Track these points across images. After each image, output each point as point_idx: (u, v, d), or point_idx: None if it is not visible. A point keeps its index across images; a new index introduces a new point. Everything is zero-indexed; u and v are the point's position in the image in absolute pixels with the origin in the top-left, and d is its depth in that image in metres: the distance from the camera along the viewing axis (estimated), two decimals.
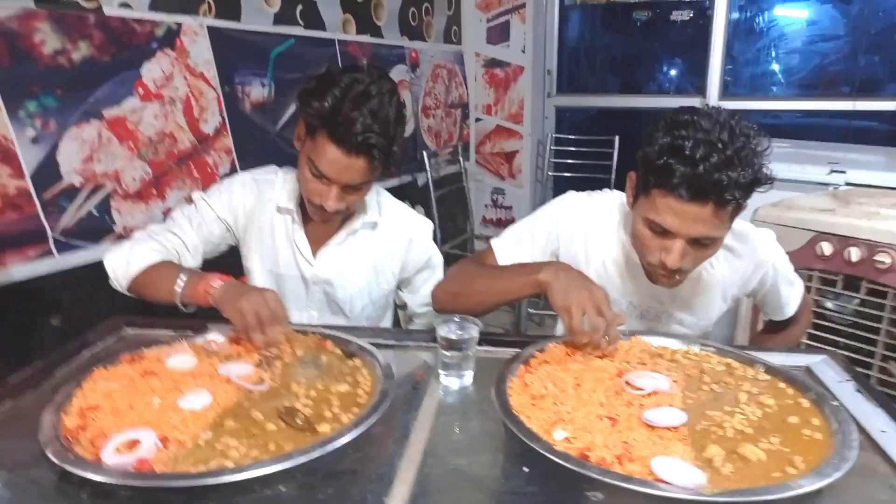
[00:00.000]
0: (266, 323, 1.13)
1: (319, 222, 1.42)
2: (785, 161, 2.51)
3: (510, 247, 1.38)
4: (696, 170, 1.04)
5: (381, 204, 1.52)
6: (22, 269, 1.76)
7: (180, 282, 1.25)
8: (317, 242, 1.48)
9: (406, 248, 1.52)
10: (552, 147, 4.02)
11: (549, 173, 4.07)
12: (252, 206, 1.48)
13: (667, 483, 0.79)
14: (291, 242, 1.47)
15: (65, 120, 1.83)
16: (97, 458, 0.84)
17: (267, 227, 1.48)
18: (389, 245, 1.51)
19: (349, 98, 1.23)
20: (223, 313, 1.17)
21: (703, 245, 1.14)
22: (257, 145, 2.49)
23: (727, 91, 3.67)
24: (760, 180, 1.08)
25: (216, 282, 1.21)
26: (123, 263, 1.36)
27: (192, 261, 1.45)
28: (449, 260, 1.61)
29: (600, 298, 1.10)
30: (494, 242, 1.40)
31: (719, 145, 1.04)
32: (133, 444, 0.87)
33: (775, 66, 3.68)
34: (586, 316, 1.09)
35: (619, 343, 1.17)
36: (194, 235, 1.45)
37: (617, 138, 3.80)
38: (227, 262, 1.53)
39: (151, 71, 2.07)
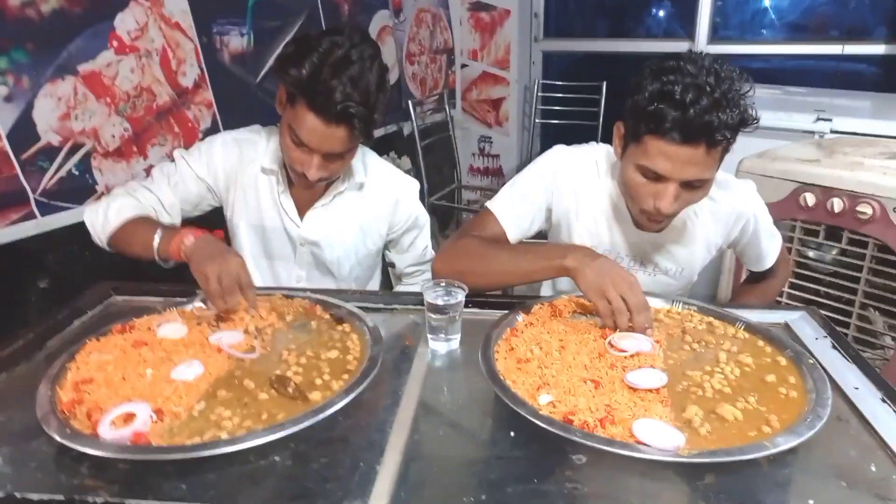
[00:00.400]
0: (227, 291, 1.14)
1: (304, 189, 1.41)
2: (771, 108, 2.50)
3: (509, 208, 1.37)
4: (687, 113, 1.07)
5: (367, 165, 1.51)
6: (4, 231, 1.74)
7: (156, 237, 1.26)
8: (303, 204, 1.47)
9: (393, 208, 1.52)
10: (539, 93, 3.96)
11: (537, 120, 4.03)
12: (233, 166, 1.46)
13: (647, 445, 0.83)
14: (277, 204, 1.46)
15: (38, 76, 1.78)
16: (94, 431, 0.86)
17: (251, 188, 1.47)
18: (376, 206, 1.51)
19: (328, 65, 1.19)
20: (192, 271, 1.18)
21: (694, 187, 1.17)
22: (238, 98, 2.44)
23: (716, 35, 3.62)
24: (746, 120, 1.12)
25: (188, 237, 1.22)
26: (101, 218, 1.37)
27: (169, 219, 1.44)
28: (438, 213, 1.61)
29: (633, 282, 1.10)
30: (492, 205, 1.39)
31: (707, 88, 1.07)
32: (129, 417, 0.88)
33: (764, 8, 3.62)
34: (624, 300, 1.09)
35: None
36: (171, 194, 1.44)
37: (605, 84, 3.75)
38: (213, 220, 1.53)
39: (125, 22, 2.00)
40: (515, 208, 1.38)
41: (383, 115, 1.32)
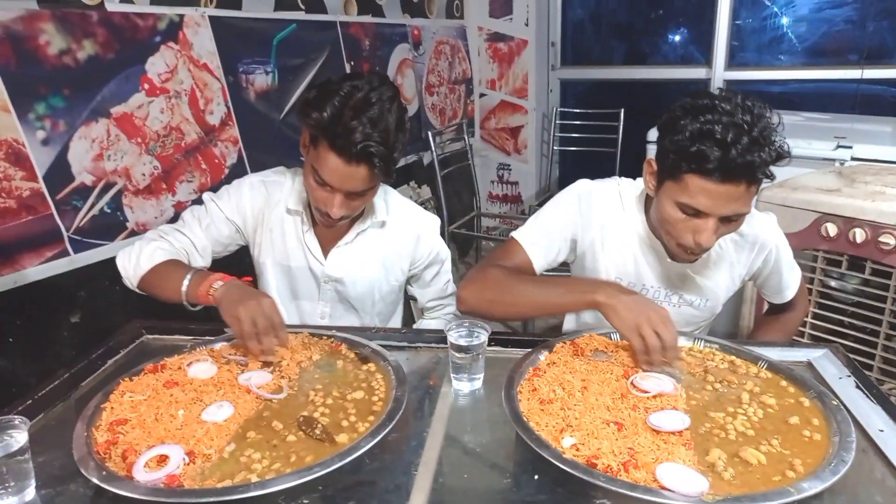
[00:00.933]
0: (262, 332, 1.16)
1: (326, 227, 1.45)
2: (791, 135, 2.44)
3: (535, 238, 1.39)
4: (729, 153, 1.09)
5: (389, 203, 1.54)
6: (39, 269, 1.80)
7: (186, 281, 1.29)
8: (327, 242, 1.51)
9: (414, 244, 1.55)
10: (557, 121, 4.00)
11: (555, 147, 4.06)
12: (261, 208, 1.51)
13: (671, 490, 0.83)
14: (302, 243, 1.50)
15: (73, 120, 1.85)
16: (129, 473, 0.89)
17: (277, 228, 1.51)
18: (398, 242, 1.54)
19: (349, 107, 1.24)
20: (223, 317, 1.20)
21: (731, 221, 1.20)
22: (263, 133, 2.51)
23: (733, 60, 3.63)
24: (783, 155, 1.15)
25: (217, 283, 1.25)
26: (133, 262, 1.40)
27: (202, 261, 1.49)
28: (457, 241, 1.63)
29: (665, 317, 1.12)
30: (518, 235, 1.41)
31: (745, 126, 1.09)
32: (162, 459, 0.91)
33: (782, 35, 3.63)
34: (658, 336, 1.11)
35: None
36: (203, 236, 1.48)
37: (622, 111, 3.77)
38: (239, 261, 1.57)
39: (156, 65, 2.08)
40: (541, 239, 1.40)
41: (402, 154, 1.36)
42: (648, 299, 1.17)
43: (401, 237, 1.54)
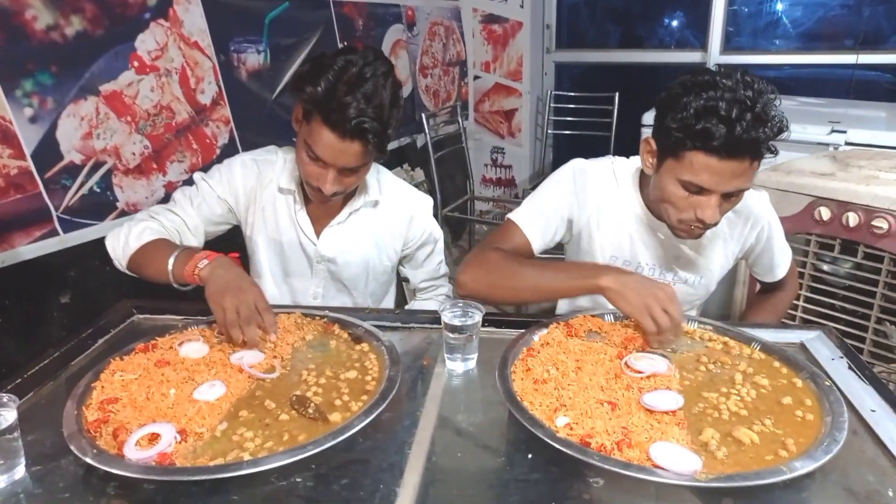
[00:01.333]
0: (244, 322, 1.14)
1: (318, 203, 1.44)
2: None
3: (533, 219, 1.39)
4: (734, 130, 1.08)
5: (382, 182, 1.53)
6: (28, 248, 1.78)
7: (172, 259, 1.26)
8: (319, 221, 1.50)
9: (407, 224, 1.54)
10: (552, 104, 3.97)
11: (549, 131, 4.04)
12: (252, 187, 1.49)
13: (664, 469, 0.83)
14: (294, 222, 1.49)
15: (62, 97, 1.82)
16: (120, 451, 0.88)
17: (269, 207, 1.49)
18: (391, 222, 1.53)
19: (343, 82, 1.22)
20: (207, 301, 1.18)
21: (733, 197, 1.20)
22: (255, 114, 2.47)
23: (729, 45, 3.62)
24: (783, 129, 1.14)
25: (202, 261, 1.22)
26: (122, 242, 1.37)
27: (194, 240, 1.46)
28: (451, 224, 1.63)
29: (672, 295, 1.12)
30: (516, 217, 1.40)
31: (748, 103, 1.09)
32: (154, 437, 0.91)
33: (777, 19, 3.61)
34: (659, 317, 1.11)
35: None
36: (195, 215, 1.46)
37: (617, 94, 3.76)
38: (231, 241, 1.55)
39: (146, 43, 2.04)
40: (538, 219, 1.39)
41: (397, 131, 1.35)
42: (650, 278, 1.17)
43: (394, 217, 1.53)
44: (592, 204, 1.40)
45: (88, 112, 1.88)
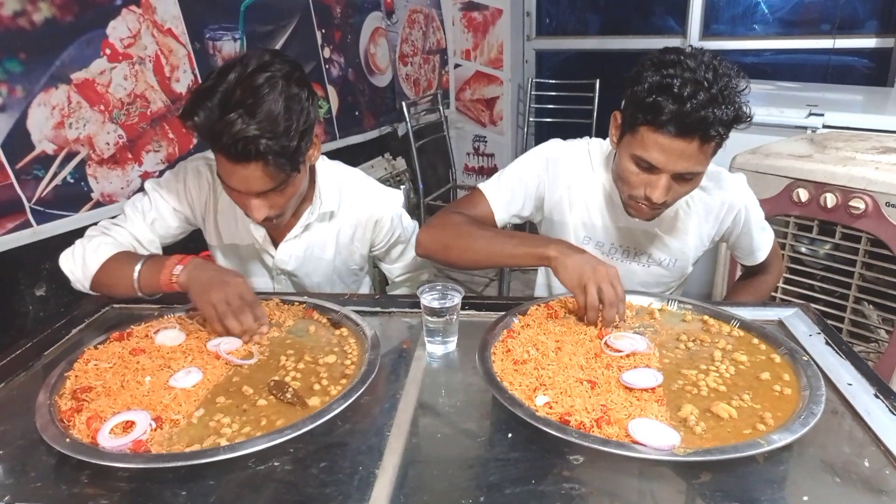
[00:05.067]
0: (237, 312, 1.12)
1: (266, 228, 1.36)
2: (764, 104, 2.51)
3: (499, 190, 1.39)
4: (684, 107, 1.08)
5: (342, 189, 1.43)
6: (0, 240, 1.74)
7: (137, 270, 1.20)
8: (277, 233, 1.41)
9: (372, 229, 1.48)
10: (533, 92, 3.97)
11: (531, 119, 4.04)
12: (206, 196, 1.39)
13: (643, 444, 0.83)
14: (251, 234, 1.41)
15: (31, 85, 1.79)
16: (94, 440, 0.87)
17: (226, 213, 1.40)
18: (353, 229, 1.46)
19: (222, 103, 1.08)
20: (194, 303, 1.15)
21: (686, 180, 1.19)
22: None
23: (708, 30, 3.64)
24: (741, 118, 1.14)
25: (177, 268, 1.17)
26: (80, 263, 1.27)
27: (147, 254, 1.34)
28: (433, 213, 1.60)
29: (613, 275, 1.12)
30: (483, 187, 1.41)
31: (705, 84, 1.09)
32: (129, 425, 0.89)
33: (756, 5, 3.63)
34: (600, 292, 1.11)
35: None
36: (148, 231, 1.35)
37: (598, 82, 3.76)
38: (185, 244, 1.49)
39: (117, 30, 2.00)
40: (505, 192, 1.40)
41: (308, 136, 1.19)
42: (598, 258, 1.16)
43: (355, 223, 1.46)
44: (563, 184, 1.40)
45: (60, 101, 1.85)
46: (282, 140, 1.11)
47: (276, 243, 1.42)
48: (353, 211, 1.45)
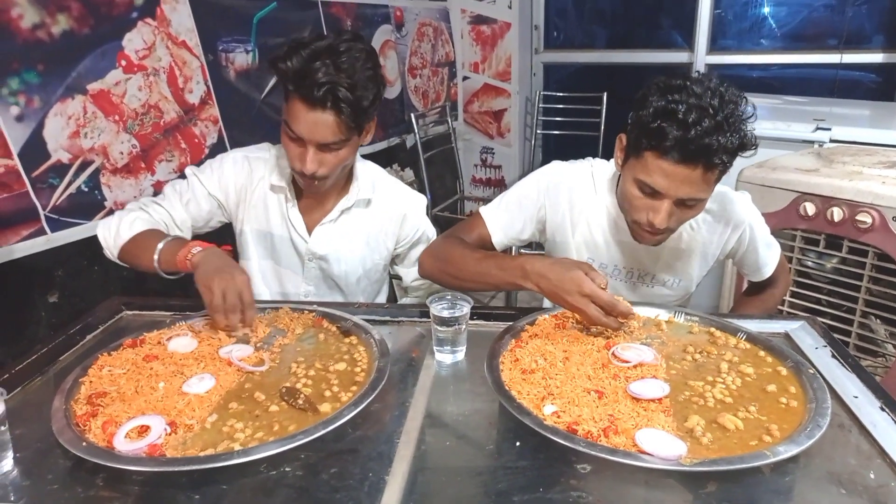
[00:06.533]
0: (229, 309, 1.16)
1: (309, 192, 1.44)
2: (771, 118, 2.52)
3: (498, 214, 1.42)
4: (688, 134, 1.08)
5: (376, 181, 1.53)
6: (16, 247, 1.77)
7: (160, 246, 1.28)
8: (311, 219, 1.50)
9: (400, 223, 1.55)
10: (540, 105, 3.99)
11: (538, 131, 4.06)
12: (243, 184, 1.49)
13: (650, 454, 0.84)
14: (286, 220, 1.49)
15: (48, 96, 1.82)
16: (109, 444, 0.88)
17: (261, 205, 1.49)
18: (383, 221, 1.54)
19: (314, 53, 1.23)
20: (196, 283, 1.19)
21: (688, 206, 1.19)
22: (243, 113, 2.48)
23: (715, 45, 3.65)
24: (746, 145, 1.13)
25: (196, 248, 1.24)
26: (114, 232, 1.39)
27: (181, 234, 1.46)
28: (440, 223, 1.63)
29: (580, 280, 1.11)
30: (483, 210, 1.43)
31: (710, 111, 1.08)
32: (143, 429, 0.91)
33: (763, 19, 3.65)
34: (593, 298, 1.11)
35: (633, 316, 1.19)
36: (182, 211, 1.46)
37: (605, 95, 3.78)
38: (223, 235, 1.55)
39: (133, 42, 2.04)
40: (503, 215, 1.42)
41: (376, 109, 1.34)
42: (572, 261, 1.17)
43: (387, 216, 1.54)
44: (565, 206, 1.41)
45: (76, 111, 1.88)
46: (358, 94, 1.25)
47: (309, 231, 1.50)
48: (385, 203, 1.53)
